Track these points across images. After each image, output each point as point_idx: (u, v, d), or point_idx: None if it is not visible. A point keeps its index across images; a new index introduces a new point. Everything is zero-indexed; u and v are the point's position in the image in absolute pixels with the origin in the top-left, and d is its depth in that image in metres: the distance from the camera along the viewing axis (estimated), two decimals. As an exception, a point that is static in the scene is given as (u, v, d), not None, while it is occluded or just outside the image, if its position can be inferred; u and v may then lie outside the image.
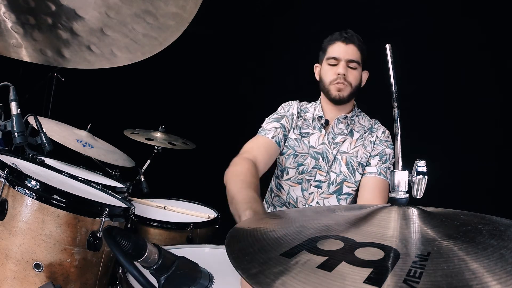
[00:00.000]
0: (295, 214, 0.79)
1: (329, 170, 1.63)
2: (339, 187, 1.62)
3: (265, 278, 0.47)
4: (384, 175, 1.59)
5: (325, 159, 1.63)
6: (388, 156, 1.63)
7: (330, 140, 1.65)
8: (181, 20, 0.93)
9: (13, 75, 1.56)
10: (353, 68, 1.58)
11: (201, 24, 1.56)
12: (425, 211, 0.64)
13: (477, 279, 0.42)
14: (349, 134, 1.67)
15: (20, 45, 1.16)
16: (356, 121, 1.71)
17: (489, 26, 2.11)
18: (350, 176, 1.61)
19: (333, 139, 1.65)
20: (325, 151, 1.64)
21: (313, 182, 1.63)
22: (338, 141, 1.65)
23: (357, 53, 1.59)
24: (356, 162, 1.62)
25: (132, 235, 0.78)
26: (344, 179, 1.61)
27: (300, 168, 1.65)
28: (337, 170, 1.62)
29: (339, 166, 1.62)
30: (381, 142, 1.65)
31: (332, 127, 1.67)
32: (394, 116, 0.73)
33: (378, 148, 1.64)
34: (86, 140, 1.88)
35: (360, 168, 1.62)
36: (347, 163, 1.62)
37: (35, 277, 1.01)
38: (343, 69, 1.56)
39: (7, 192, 1.03)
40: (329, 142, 1.64)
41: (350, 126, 1.68)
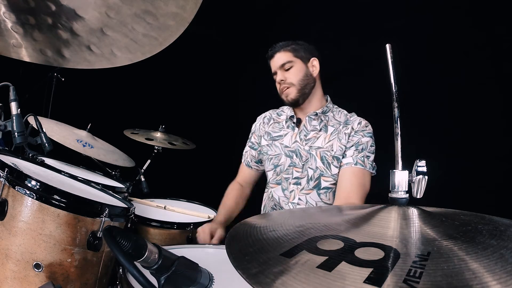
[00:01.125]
0: (295, 214, 0.79)
1: (304, 165, 1.67)
2: (317, 182, 1.64)
3: (265, 278, 0.47)
4: (361, 163, 1.57)
5: (298, 155, 1.69)
6: (364, 144, 1.61)
7: (302, 137, 1.71)
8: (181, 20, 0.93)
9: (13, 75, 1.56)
10: (288, 68, 1.68)
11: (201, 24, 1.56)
12: (425, 211, 0.64)
13: (477, 279, 0.42)
14: (323, 130, 1.69)
15: (20, 45, 1.16)
16: (331, 117, 1.73)
17: (489, 26, 2.11)
18: (326, 170, 1.63)
19: (305, 136, 1.70)
20: (297, 148, 1.70)
21: (292, 179, 1.69)
22: (310, 137, 1.69)
23: (286, 55, 1.69)
24: (330, 156, 1.63)
25: (132, 235, 0.78)
26: (321, 174, 1.63)
27: (277, 169, 1.74)
28: (313, 166, 1.65)
29: (314, 161, 1.65)
30: (357, 133, 1.64)
31: (304, 125, 1.73)
32: (394, 116, 0.73)
33: (353, 139, 1.63)
34: (86, 140, 1.88)
35: (335, 161, 1.62)
36: (321, 158, 1.64)
37: (35, 277, 1.01)
38: (279, 76, 1.70)
39: (7, 192, 1.03)
40: (301, 139, 1.70)
41: (324, 122, 1.71)
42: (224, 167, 2.51)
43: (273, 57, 1.72)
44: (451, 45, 2.22)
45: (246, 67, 3.52)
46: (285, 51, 1.70)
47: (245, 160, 1.93)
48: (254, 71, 3.46)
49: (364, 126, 1.67)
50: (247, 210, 1.89)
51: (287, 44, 1.71)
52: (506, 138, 2.05)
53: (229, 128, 3.45)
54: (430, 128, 2.27)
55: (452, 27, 2.22)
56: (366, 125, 1.68)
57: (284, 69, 1.69)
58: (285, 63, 1.68)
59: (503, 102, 2.08)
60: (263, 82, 3.32)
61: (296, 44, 1.71)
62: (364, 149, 1.61)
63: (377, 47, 0.84)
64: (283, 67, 1.69)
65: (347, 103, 1.85)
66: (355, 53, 2.52)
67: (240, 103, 3.50)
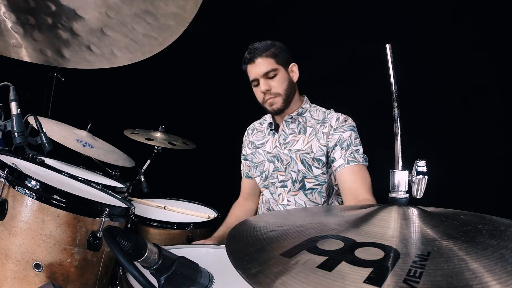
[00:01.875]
0: (295, 214, 0.79)
1: (286, 168, 1.67)
2: (302, 183, 1.65)
3: (265, 278, 0.47)
4: (353, 160, 1.52)
5: (279, 160, 1.70)
6: (348, 140, 1.56)
7: (282, 141, 1.70)
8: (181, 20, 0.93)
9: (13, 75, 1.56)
10: (272, 76, 1.60)
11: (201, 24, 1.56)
12: (425, 211, 0.64)
13: (477, 279, 0.42)
14: (302, 132, 1.66)
15: (20, 45, 1.16)
16: (308, 117, 1.69)
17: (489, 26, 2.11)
18: (308, 172, 1.62)
19: (284, 139, 1.70)
20: (278, 153, 1.71)
21: (278, 183, 1.71)
22: (289, 140, 1.68)
23: (268, 61, 1.59)
24: (310, 158, 1.61)
25: (132, 235, 0.78)
26: (303, 176, 1.64)
27: (263, 175, 1.77)
28: (295, 169, 1.65)
29: (296, 165, 1.64)
30: (336, 130, 1.59)
31: (282, 129, 1.72)
32: (394, 116, 0.73)
33: (334, 137, 1.58)
34: (86, 140, 1.88)
35: (316, 162, 1.60)
36: (302, 160, 1.63)
37: (35, 277, 1.01)
38: (264, 85, 1.61)
39: (7, 192, 1.03)
40: (280, 143, 1.70)
41: (301, 123, 1.68)
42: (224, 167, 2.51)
43: (254, 62, 1.61)
44: (451, 45, 2.22)
45: (246, 67, 3.52)
46: (267, 57, 1.60)
47: (244, 172, 1.94)
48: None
49: (342, 121, 1.61)
50: None
51: (267, 47, 1.61)
52: (506, 138, 2.05)
53: (229, 128, 3.45)
54: (430, 128, 2.27)
55: (452, 27, 2.22)
56: (345, 119, 1.63)
57: (267, 77, 1.60)
58: (269, 71, 1.59)
59: (503, 102, 2.08)
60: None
61: (275, 48, 1.62)
62: (350, 144, 1.56)
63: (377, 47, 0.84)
64: (267, 75, 1.60)
65: (347, 103, 1.85)
66: (355, 53, 2.52)
67: (240, 103, 3.50)
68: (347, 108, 1.81)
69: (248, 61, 1.63)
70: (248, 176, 1.92)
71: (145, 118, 2.90)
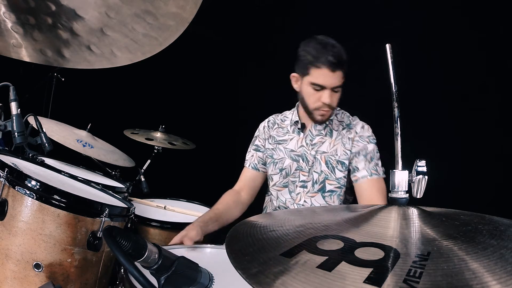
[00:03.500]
0: (295, 214, 0.80)
1: (310, 169, 1.67)
2: (322, 185, 1.65)
3: (265, 278, 0.47)
4: (375, 173, 1.59)
5: (305, 160, 1.68)
6: (372, 152, 1.62)
7: (308, 142, 1.69)
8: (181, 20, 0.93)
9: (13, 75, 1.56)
10: (337, 91, 1.56)
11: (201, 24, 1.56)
12: (425, 211, 0.64)
13: (477, 279, 0.42)
14: (328, 135, 1.68)
15: (20, 45, 1.16)
16: (334, 120, 1.71)
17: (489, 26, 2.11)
18: (330, 174, 1.64)
19: (311, 140, 1.69)
20: (304, 153, 1.69)
21: (298, 183, 1.69)
22: (316, 142, 1.68)
23: (341, 76, 1.53)
24: (335, 160, 1.63)
25: (132, 235, 0.78)
26: (325, 177, 1.64)
27: (283, 172, 1.73)
28: (318, 169, 1.65)
29: (319, 165, 1.65)
30: (362, 138, 1.64)
31: (309, 130, 1.71)
32: (394, 116, 0.73)
33: (358, 144, 1.63)
34: (86, 140, 1.88)
35: (339, 165, 1.63)
36: (326, 162, 1.64)
37: (35, 277, 1.01)
38: (329, 98, 1.53)
39: (7, 192, 1.03)
40: (307, 144, 1.69)
41: (328, 126, 1.69)
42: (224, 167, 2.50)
43: (333, 72, 1.49)
44: (451, 45, 2.22)
45: (246, 67, 3.52)
46: (342, 72, 1.52)
47: (251, 163, 1.84)
48: (254, 70, 3.47)
49: (367, 131, 1.67)
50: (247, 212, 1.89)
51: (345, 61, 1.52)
52: (506, 138, 2.05)
53: (229, 128, 3.45)
54: (430, 128, 2.27)
55: (452, 27, 2.22)
56: (369, 129, 1.69)
57: (334, 91, 1.54)
58: (339, 86, 1.53)
59: (503, 102, 2.08)
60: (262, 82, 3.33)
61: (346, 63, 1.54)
62: (373, 157, 1.62)
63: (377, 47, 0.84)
64: (334, 89, 1.54)
65: (347, 104, 1.85)
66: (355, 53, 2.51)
67: (240, 103, 3.50)
68: (347, 108, 1.81)
69: (328, 65, 1.48)
70: (255, 167, 1.82)
71: (145, 118, 2.90)
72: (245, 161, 1.87)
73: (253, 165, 1.83)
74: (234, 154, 2.08)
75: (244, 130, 2.01)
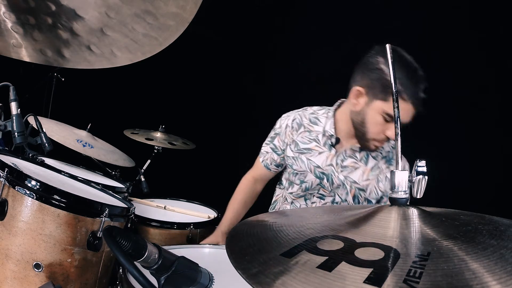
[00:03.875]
0: (295, 214, 0.80)
1: (332, 190, 1.58)
2: None
3: (265, 278, 0.47)
4: None
5: (329, 180, 1.54)
6: None
7: (339, 162, 1.52)
8: (181, 20, 0.93)
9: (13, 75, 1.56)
10: None
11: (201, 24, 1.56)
12: (425, 211, 0.64)
13: (477, 279, 0.42)
14: (363, 161, 1.51)
15: (20, 45, 1.16)
16: None
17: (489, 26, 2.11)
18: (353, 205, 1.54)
19: (342, 161, 1.52)
20: (331, 173, 1.53)
21: (316, 194, 1.62)
22: (347, 165, 1.52)
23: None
24: (363, 197, 1.53)
25: (132, 235, 0.78)
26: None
27: (303, 185, 1.62)
28: (343, 196, 1.56)
29: (346, 194, 1.54)
30: None
31: (345, 150, 1.53)
32: (394, 116, 0.73)
33: None
34: (86, 140, 1.88)
35: (365, 202, 1.54)
36: (354, 196, 1.53)
37: (35, 277, 1.01)
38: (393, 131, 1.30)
39: (7, 192, 1.03)
40: (337, 164, 1.52)
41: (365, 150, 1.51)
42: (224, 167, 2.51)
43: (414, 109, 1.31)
44: (452, 45, 2.22)
45: (246, 67, 3.52)
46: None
47: (264, 161, 1.74)
48: (254, 70, 3.47)
49: None
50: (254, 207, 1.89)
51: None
52: (506, 138, 2.05)
53: (229, 128, 3.45)
54: (430, 128, 2.27)
55: (452, 27, 2.22)
56: None
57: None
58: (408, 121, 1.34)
59: (503, 102, 2.08)
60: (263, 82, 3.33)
61: None
62: None
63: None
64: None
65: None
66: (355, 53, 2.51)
67: (239, 103, 3.50)
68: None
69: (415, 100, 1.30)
70: (267, 167, 1.73)
71: (145, 118, 2.90)
72: (260, 153, 1.76)
73: (266, 164, 1.73)
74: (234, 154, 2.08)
75: (244, 131, 2.01)
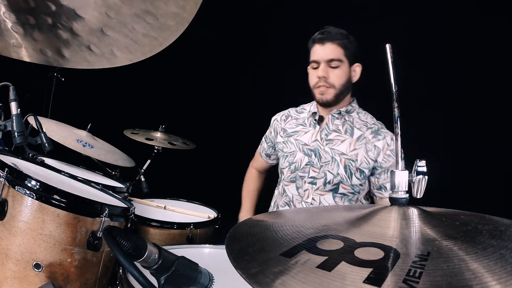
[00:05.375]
0: (295, 214, 0.79)
1: (322, 166, 1.59)
2: (336, 187, 1.58)
3: (265, 278, 0.47)
4: None
5: (317, 155, 1.60)
6: None
7: (323, 136, 1.62)
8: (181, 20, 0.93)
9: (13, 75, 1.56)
10: (335, 67, 1.53)
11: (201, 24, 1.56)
12: (425, 211, 0.64)
13: (477, 279, 0.42)
14: (348, 133, 1.59)
15: (20, 45, 1.16)
16: (356, 118, 1.63)
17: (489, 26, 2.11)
18: (347, 179, 1.56)
19: (326, 135, 1.61)
20: (317, 148, 1.61)
21: (307, 178, 1.61)
22: (332, 138, 1.60)
23: (338, 50, 1.53)
24: (354, 167, 1.55)
25: (132, 235, 0.78)
26: (340, 181, 1.56)
27: (292, 166, 1.66)
28: (334, 171, 1.57)
29: (337, 167, 1.56)
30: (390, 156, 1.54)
31: (326, 123, 1.64)
32: (394, 116, 0.73)
33: (389, 159, 1.53)
34: (86, 140, 1.88)
35: (358, 173, 1.55)
36: (345, 166, 1.56)
37: (35, 277, 1.01)
38: (323, 71, 1.54)
39: (7, 192, 1.03)
40: (321, 138, 1.62)
41: (348, 122, 1.61)
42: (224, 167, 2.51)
43: (324, 45, 1.53)
44: (451, 45, 2.22)
45: (245, 67, 3.53)
46: (338, 45, 1.53)
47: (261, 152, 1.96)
48: (253, 70, 3.47)
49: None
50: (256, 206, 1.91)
51: (341, 36, 1.54)
52: (506, 138, 2.05)
53: (229, 128, 3.46)
54: (430, 128, 2.27)
55: (452, 26, 2.22)
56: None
57: (329, 65, 1.54)
58: (334, 59, 1.52)
59: (503, 101, 2.08)
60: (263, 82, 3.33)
61: (348, 40, 1.56)
62: None
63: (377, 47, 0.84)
64: (330, 63, 1.53)
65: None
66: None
67: (239, 103, 3.50)
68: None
69: (317, 41, 1.55)
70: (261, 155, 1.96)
71: (145, 118, 2.90)
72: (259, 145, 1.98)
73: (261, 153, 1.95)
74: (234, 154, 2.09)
75: (244, 130, 2.02)
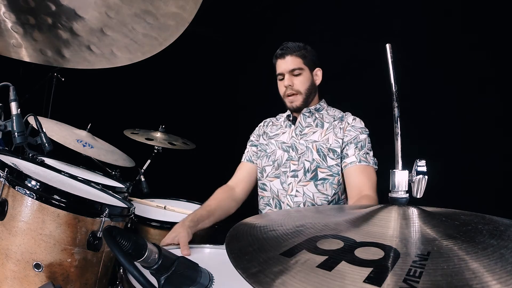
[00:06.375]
0: (295, 213, 0.79)
1: (300, 158, 1.72)
2: (314, 173, 1.68)
3: (265, 277, 0.47)
4: (364, 160, 1.62)
5: (294, 149, 1.75)
6: (363, 142, 1.67)
7: (298, 133, 1.78)
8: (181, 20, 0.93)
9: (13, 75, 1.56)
10: (297, 74, 1.73)
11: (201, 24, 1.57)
12: (425, 211, 0.64)
13: (477, 278, 0.42)
14: (319, 126, 1.76)
15: (20, 45, 1.16)
16: (325, 114, 1.80)
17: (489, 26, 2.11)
18: (322, 162, 1.67)
19: (301, 131, 1.78)
20: (293, 143, 1.77)
21: (289, 172, 1.73)
22: (306, 132, 1.77)
23: (297, 60, 1.72)
24: (326, 148, 1.68)
25: (132, 235, 0.78)
26: (317, 165, 1.68)
27: (275, 163, 1.79)
28: (309, 158, 1.69)
29: (311, 154, 1.70)
30: (354, 128, 1.69)
31: (299, 122, 1.80)
32: (394, 116, 0.73)
33: (350, 133, 1.68)
34: (86, 140, 1.88)
35: (331, 153, 1.67)
36: (317, 150, 1.69)
37: (35, 277, 1.01)
38: (288, 80, 1.73)
39: (7, 192, 1.03)
40: (296, 134, 1.78)
41: (318, 118, 1.78)
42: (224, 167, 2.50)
43: (284, 58, 1.74)
44: (452, 45, 2.22)
45: (245, 67, 3.52)
46: (297, 56, 1.73)
47: (246, 157, 1.94)
48: (253, 70, 3.47)
49: (359, 122, 1.73)
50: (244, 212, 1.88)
51: (299, 48, 1.74)
52: (506, 138, 2.05)
53: (229, 128, 3.45)
54: (430, 128, 2.27)
55: (452, 26, 2.22)
56: (361, 122, 1.74)
57: (292, 74, 1.73)
58: (295, 68, 1.72)
59: (503, 102, 2.08)
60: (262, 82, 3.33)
61: (306, 51, 1.75)
62: (364, 146, 1.66)
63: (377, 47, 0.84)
64: (292, 72, 1.73)
65: (347, 103, 1.86)
66: (355, 53, 2.52)
67: (239, 103, 3.50)
68: (347, 107, 1.81)
69: (279, 56, 1.76)
70: (250, 160, 1.92)
71: (145, 118, 2.90)
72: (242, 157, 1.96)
73: (248, 158, 1.92)
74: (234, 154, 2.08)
75: (244, 130, 2.01)
